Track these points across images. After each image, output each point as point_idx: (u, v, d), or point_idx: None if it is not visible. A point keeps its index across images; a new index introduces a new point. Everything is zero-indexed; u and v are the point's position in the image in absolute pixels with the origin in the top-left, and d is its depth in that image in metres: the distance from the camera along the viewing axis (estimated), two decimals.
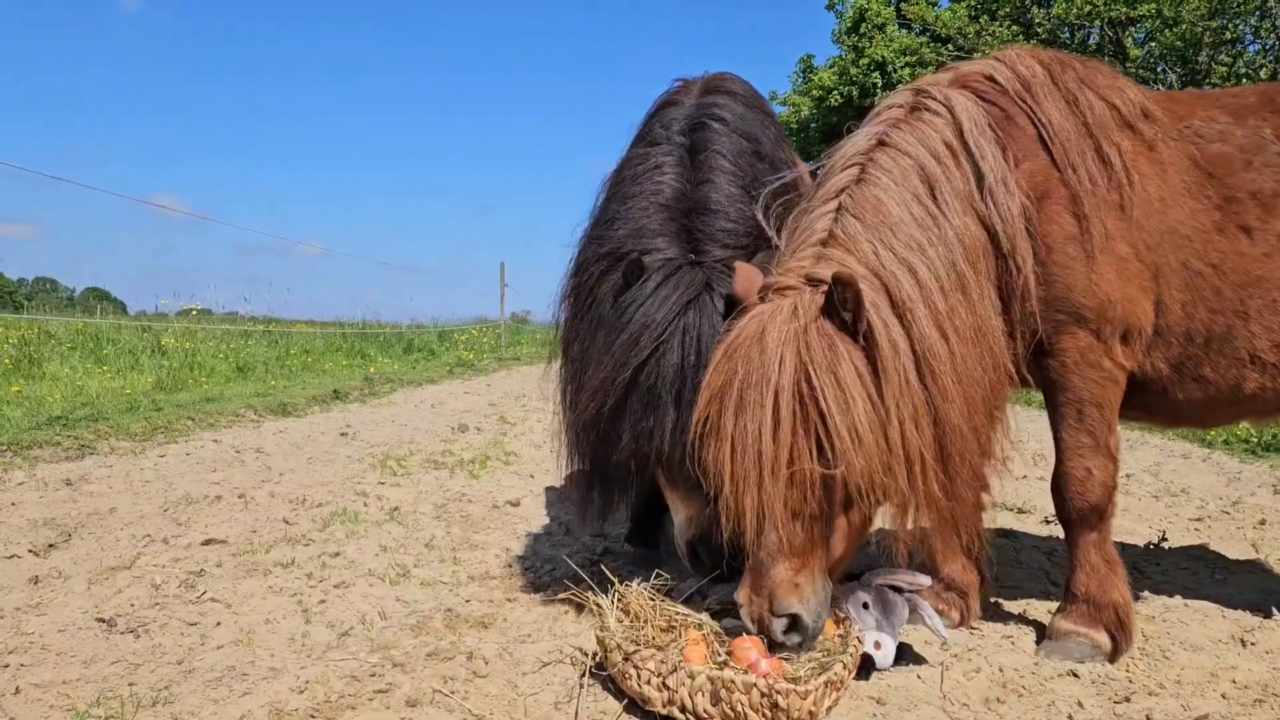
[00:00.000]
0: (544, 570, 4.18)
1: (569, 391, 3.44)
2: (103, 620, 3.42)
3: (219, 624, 3.44)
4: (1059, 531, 4.90)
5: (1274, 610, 3.87)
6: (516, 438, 8.84)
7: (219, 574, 4.05)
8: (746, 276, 3.02)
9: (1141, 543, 4.99)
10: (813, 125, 27.06)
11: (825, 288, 2.73)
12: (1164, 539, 5.00)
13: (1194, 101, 3.58)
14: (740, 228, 3.39)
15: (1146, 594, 4.10)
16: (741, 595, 2.81)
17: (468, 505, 5.54)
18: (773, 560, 2.71)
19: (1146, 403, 3.49)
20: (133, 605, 3.61)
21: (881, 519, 3.01)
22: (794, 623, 2.75)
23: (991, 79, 3.33)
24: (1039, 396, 3.57)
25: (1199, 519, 6.04)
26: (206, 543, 4.60)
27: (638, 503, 4.09)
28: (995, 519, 5.49)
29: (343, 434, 8.65)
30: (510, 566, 4.27)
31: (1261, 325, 3.31)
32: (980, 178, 3.06)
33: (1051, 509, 3.52)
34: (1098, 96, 3.34)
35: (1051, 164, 3.19)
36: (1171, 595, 4.09)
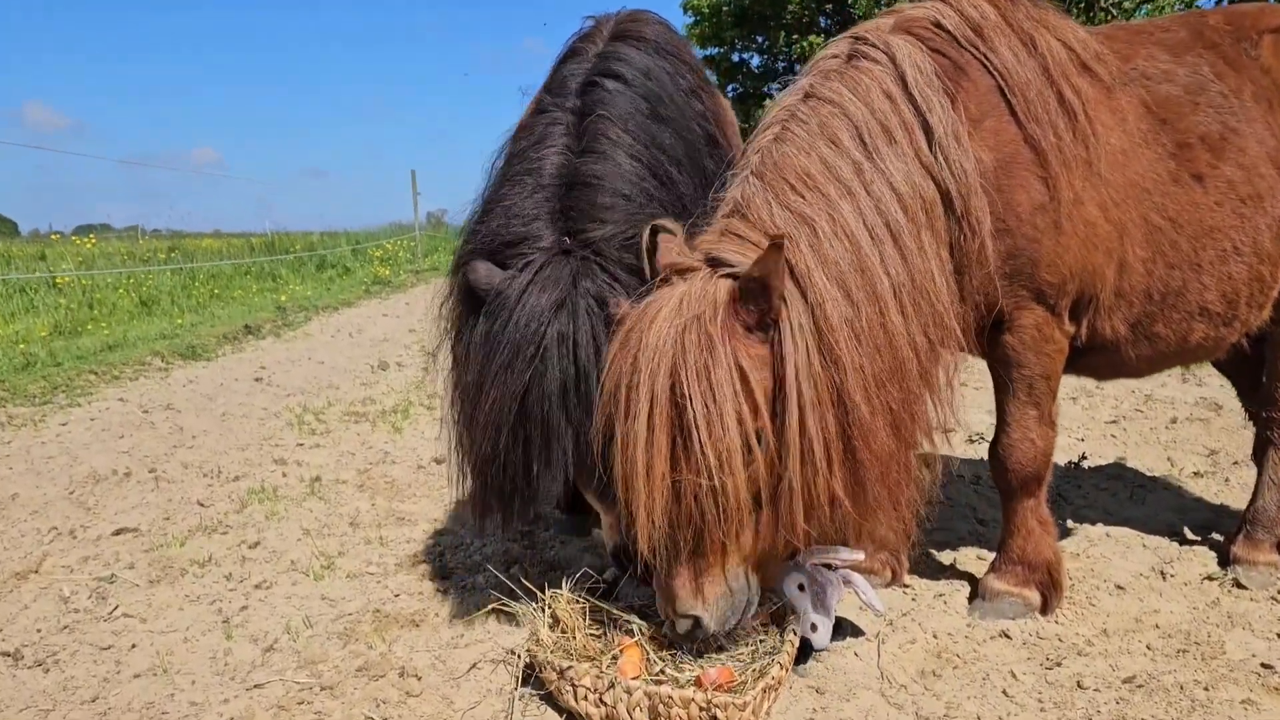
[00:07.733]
0: (474, 549, 4.09)
1: (461, 420, 3.15)
2: (8, 654, 3.24)
3: (134, 646, 3.29)
4: (983, 451, 4.98)
5: (1186, 531, 4.03)
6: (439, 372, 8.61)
7: (131, 577, 3.87)
8: (668, 248, 2.76)
9: (1062, 461, 5.08)
10: (725, 8, 26.14)
11: (725, 271, 2.54)
12: (1084, 459, 5.12)
13: (1132, 39, 3.37)
14: (622, 203, 3.08)
15: (1070, 523, 4.20)
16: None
17: (391, 468, 5.38)
18: (674, 564, 2.57)
19: (1095, 363, 3.40)
20: (40, 630, 3.43)
21: None
22: (697, 623, 2.63)
23: (938, 25, 3.02)
24: None
25: (1114, 420, 6.22)
26: (117, 532, 4.42)
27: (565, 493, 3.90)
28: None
29: (257, 379, 8.35)
30: (439, 545, 4.16)
31: (1212, 276, 3.22)
32: (929, 130, 2.77)
33: (976, 428, 3.42)
34: (1054, 37, 3.08)
35: (1014, 120, 2.93)
36: (1094, 523, 4.20)
